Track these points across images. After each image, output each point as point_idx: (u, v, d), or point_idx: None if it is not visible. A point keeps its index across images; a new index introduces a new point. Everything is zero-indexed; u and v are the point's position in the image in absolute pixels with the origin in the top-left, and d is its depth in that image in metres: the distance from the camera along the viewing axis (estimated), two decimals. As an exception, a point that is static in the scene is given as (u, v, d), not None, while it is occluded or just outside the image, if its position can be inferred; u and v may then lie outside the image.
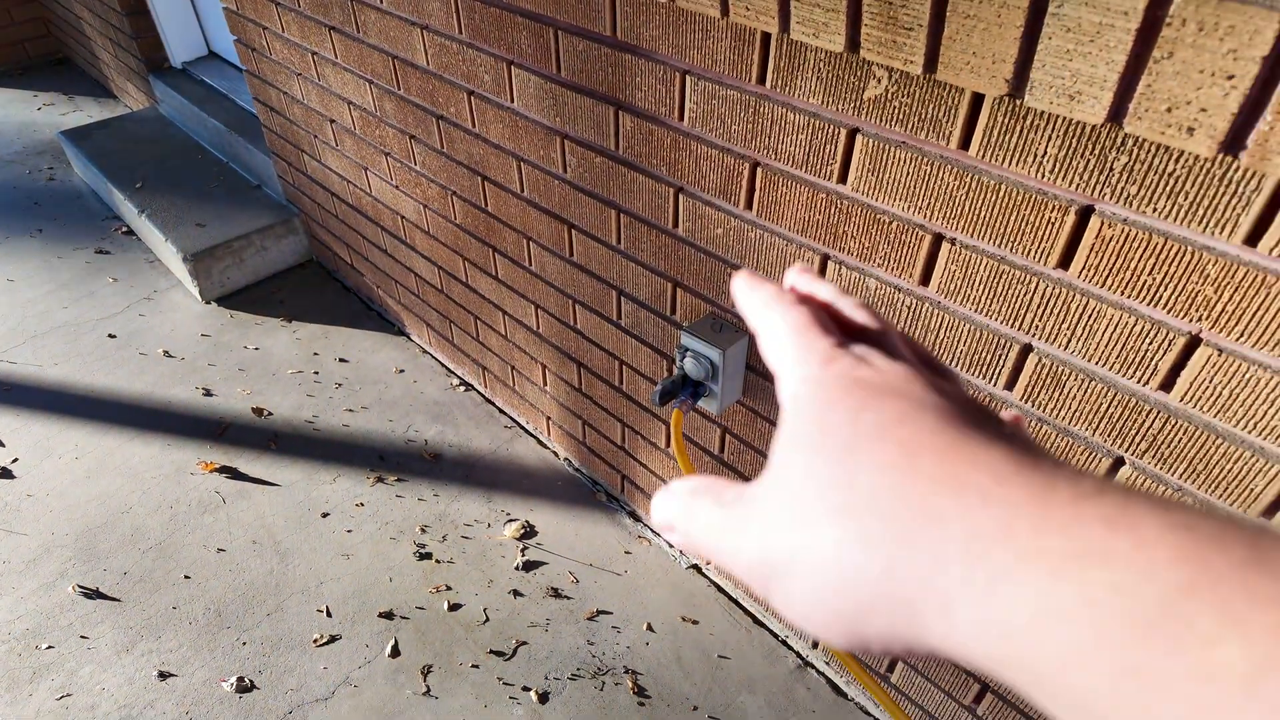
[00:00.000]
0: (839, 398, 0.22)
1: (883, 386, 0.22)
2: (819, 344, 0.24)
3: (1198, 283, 0.73)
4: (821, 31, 0.86)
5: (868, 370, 0.23)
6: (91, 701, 1.46)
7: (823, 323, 0.25)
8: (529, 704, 1.47)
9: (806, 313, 0.26)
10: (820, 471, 0.21)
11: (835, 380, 0.22)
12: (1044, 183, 0.79)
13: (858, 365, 0.23)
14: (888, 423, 0.20)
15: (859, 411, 0.21)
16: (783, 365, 0.25)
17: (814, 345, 0.24)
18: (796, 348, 0.25)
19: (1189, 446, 0.82)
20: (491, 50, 1.36)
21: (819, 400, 0.22)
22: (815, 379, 0.23)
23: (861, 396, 0.22)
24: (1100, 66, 0.67)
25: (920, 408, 0.21)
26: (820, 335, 0.25)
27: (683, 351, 1.26)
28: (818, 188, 1.00)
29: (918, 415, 0.20)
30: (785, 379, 0.24)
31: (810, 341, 0.25)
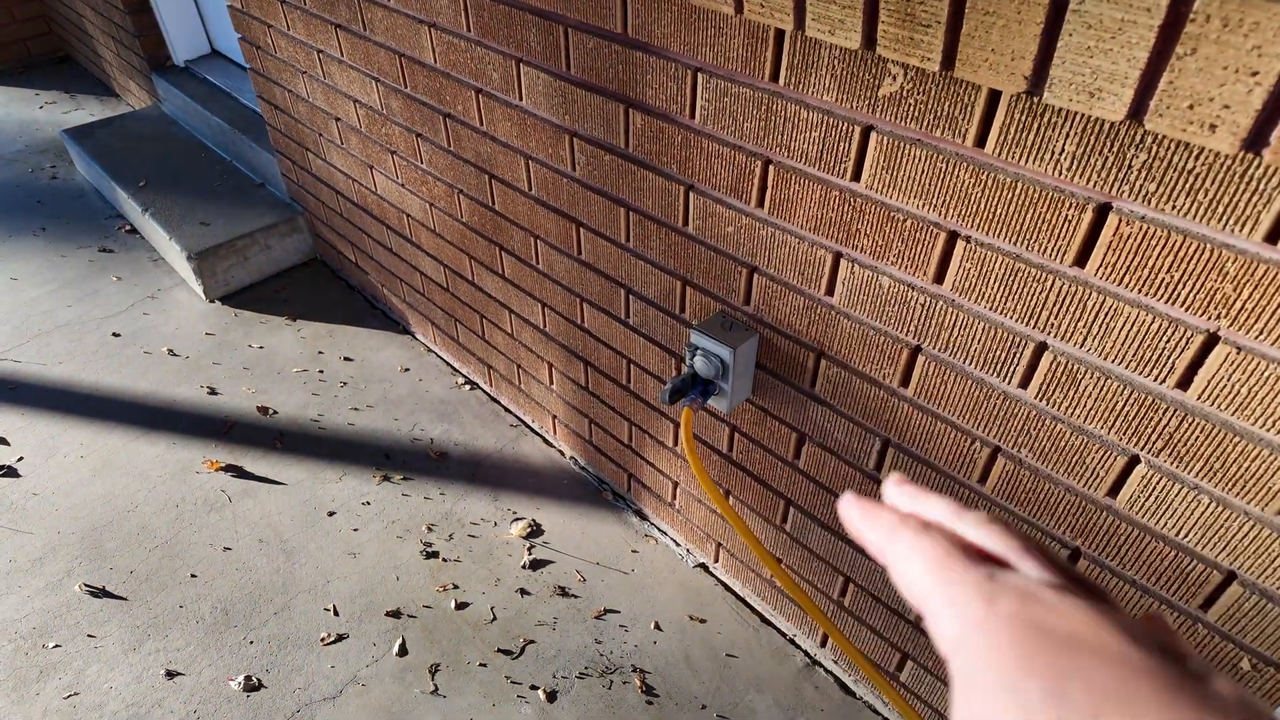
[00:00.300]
0: (1027, 657, 0.19)
1: (1072, 639, 0.20)
2: (970, 577, 0.22)
3: (1216, 280, 0.73)
4: (837, 28, 0.85)
5: (1042, 612, 0.20)
6: (99, 700, 1.46)
7: (964, 550, 0.23)
8: (537, 703, 1.46)
9: (942, 540, 0.24)
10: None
11: (1010, 629, 0.20)
12: (1061, 180, 0.79)
13: (1028, 604, 0.21)
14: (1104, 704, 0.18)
15: (1062, 683, 0.19)
16: (932, 605, 0.23)
17: (965, 580, 0.22)
18: (944, 584, 0.23)
19: (1206, 445, 0.81)
20: (500, 48, 1.35)
21: (1001, 659, 0.20)
22: (982, 625, 0.21)
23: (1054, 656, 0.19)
24: (1121, 63, 0.67)
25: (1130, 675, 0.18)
26: (967, 566, 0.23)
27: (693, 349, 1.26)
28: (831, 185, 0.99)
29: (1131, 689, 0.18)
30: (942, 622, 0.22)
31: (959, 576, 0.22)
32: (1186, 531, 0.88)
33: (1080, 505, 0.96)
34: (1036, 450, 0.97)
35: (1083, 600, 0.21)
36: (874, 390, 1.11)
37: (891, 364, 1.07)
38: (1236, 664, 0.91)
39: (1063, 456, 0.94)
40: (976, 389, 0.99)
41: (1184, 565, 0.90)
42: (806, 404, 1.24)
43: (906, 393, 1.07)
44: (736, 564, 1.64)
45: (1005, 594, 0.21)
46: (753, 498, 1.47)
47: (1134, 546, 0.93)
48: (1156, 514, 0.89)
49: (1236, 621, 0.88)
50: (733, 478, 1.49)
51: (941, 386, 1.02)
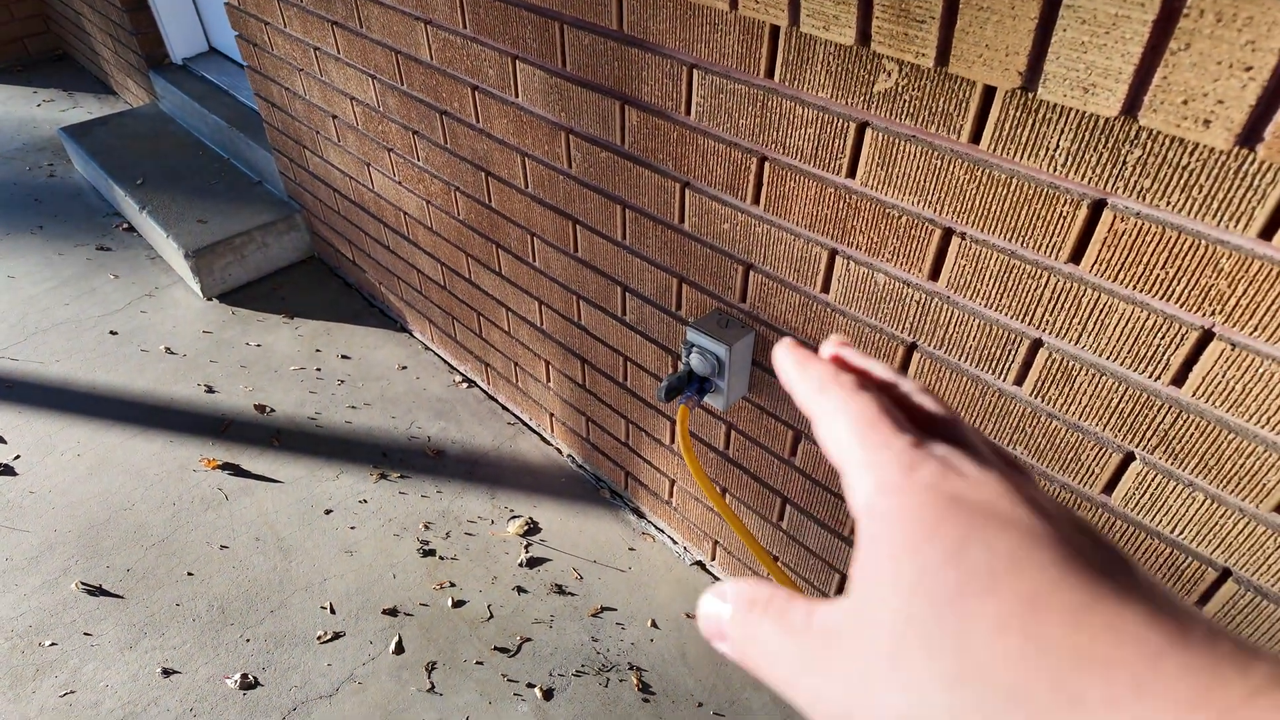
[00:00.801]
0: (934, 522, 0.19)
1: (982, 508, 0.19)
2: (894, 443, 0.21)
3: (1211, 277, 0.73)
4: (832, 24, 0.85)
5: (960, 482, 0.20)
6: (95, 698, 1.46)
7: (893, 415, 0.23)
8: (534, 701, 1.46)
9: (872, 401, 0.23)
10: (923, 620, 0.18)
11: (924, 495, 0.20)
12: (1056, 176, 0.79)
13: (946, 474, 0.20)
14: (1000, 566, 0.18)
15: (963, 545, 0.18)
16: (850, 465, 0.22)
17: (888, 444, 0.21)
18: (866, 445, 0.22)
19: (1200, 441, 0.81)
20: (496, 45, 1.35)
21: (909, 522, 0.19)
22: (897, 489, 0.20)
23: (961, 522, 0.19)
24: (1116, 58, 0.66)
25: (1034, 543, 0.18)
26: (894, 431, 0.22)
27: (689, 347, 1.25)
28: (826, 182, 0.99)
29: (1033, 554, 0.18)
30: (856, 483, 0.21)
31: (883, 438, 0.22)
32: (1181, 528, 0.87)
33: (1075, 502, 0.96)
34: (1032, 447, 0.97)
35: (1004, 476, 0.20)
36: (870, 387, 1.11)
37: (888, 361, 1.07)
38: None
39: (1058, 453, 0.94)
40: (972, 386, 0.98)
41: (1179, 562, 0.90)
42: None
43: (902, 390, 1.07)
44: (733, 561, 1.64)
45: (926, 462, 0.21)
46: (749, 495, 1.47)
47: (1129, 544, 0.93)
48: (1151, 511, 0.89)
49: (1232, 618, 0.88)
50: (729, 475, 1.49)
51: (937, 384, 1.02)
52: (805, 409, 0.25)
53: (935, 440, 0.22)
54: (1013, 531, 0.18)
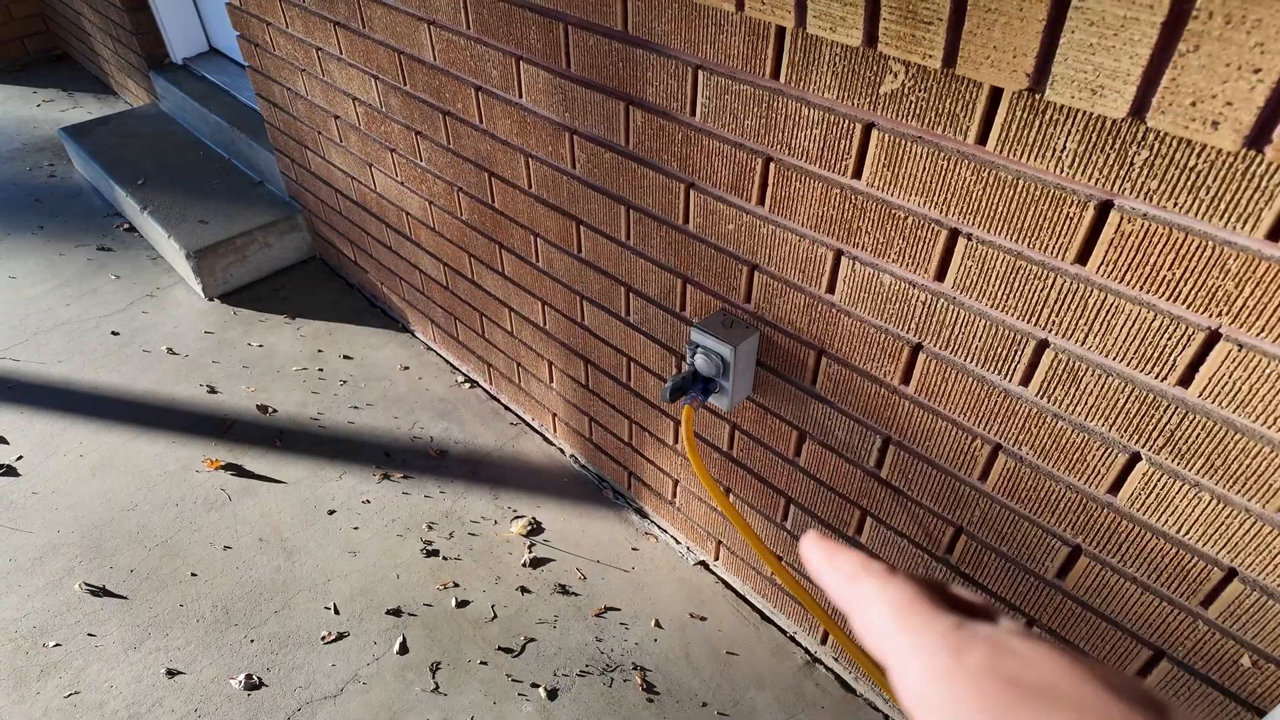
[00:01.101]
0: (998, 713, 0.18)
1: (1044, 690, 0.18)
2: (936, 625, 0.20)
3: (1218, 278, 0.73)
4: (839, 26, 0.85)
5: (1015, 663, 0.19)
6: (99, 699, 1.46)
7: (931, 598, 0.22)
8: (538, 700, 1.46)
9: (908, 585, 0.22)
10: None
11: (979, 682, 0.19)
12: (1063, 178, 0.79)
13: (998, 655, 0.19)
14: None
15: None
16: (894, 653, 0.21)
17: (930, 627, 0.20)
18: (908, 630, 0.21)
19: (1207, 442, 0.81)
20: (500, 46, 1.35)
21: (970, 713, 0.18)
22: (948, 676, 0.19)
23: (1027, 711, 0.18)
24: (1124, 60, 0.67)
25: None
26: (934, 613, 0.21)
27: (693, 347, 1.26)
28: (832, 183, 0.99)
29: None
30: (904, 671, 0.20)
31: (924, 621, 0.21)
32: (1187, 529, 0.88)
33: (1081, 503, 0.96)
34: (1037, 448, 0.97)
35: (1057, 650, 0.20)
36: (875, 388, 1.11)
37: (892, 362, 1.07)
38: (1237, 661, 0.91)
39: (1064, 454, 0.95)
40: (977, 387, 0.99)
41: (1185, 562, 0.90)
42: (807, 402, 1.24)
43: (907, 390, 1.07)
44: (737, 561, 1.64)
45: (974, 644, 0.20)
46: (753, 495, 1.48)
47: (1135, 544, 0.93)
48: (1157, 511, 0.89)
49: (1237, 618, 0.89)
50: (733, 475, 1.49)
51: (942, 384, 1.02)
52: (839, 601, 0.24)
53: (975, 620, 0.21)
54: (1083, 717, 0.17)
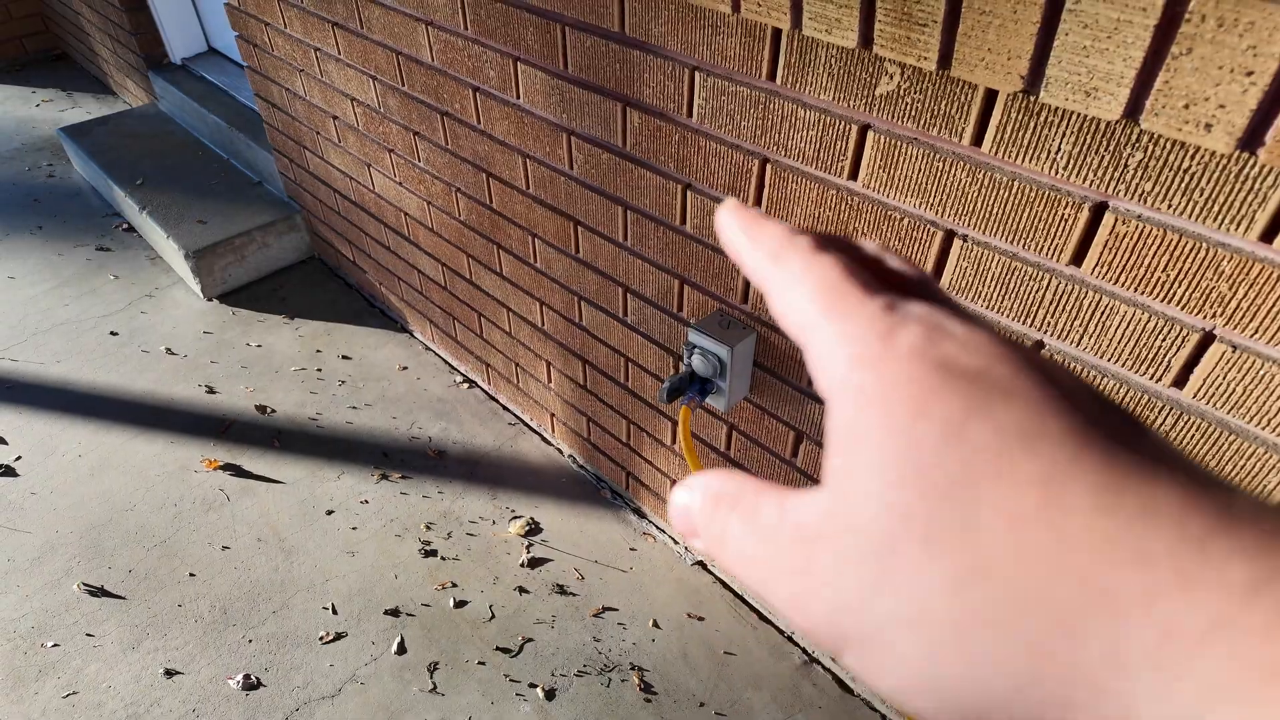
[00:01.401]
0: (925, 395, 0.16)
1: (978, 374, 0.16)
2: (865, 307, 0.18)
3: (1212, 279, 0.73)
4: (834, 28, 0.85)
5: (949, 345, 0.17)
6: (98, 699, 1.46)
7: (861, 277, 0.19)
8: (536, 701, 1.47)
9: (836, 262, 0.19)
10: (920, 514, 0.15)
11: (908, 364, 0.17)
12: (1057, 179, 0.79)
13: (931, 337, 0.17)
14: (1008, 443, 0.15)
15: (962, 421, 0.15)
16: (816, 338, 0.18)
17: (859, 309, 0.18)
18: (833, 314, 0.18)
19: (1201, 443, 0.82)
20: (498, 46, 1.35)
21: (894, 397, 0.16)
22: (875, 359, 0.17)
23: (957, 393, 0.16)
24: (1117, 63, 0.67)
25: (1043, 412, 0.15)
26: (864, 295, 0.18)
27: (690, 348, 1.26)
28: (828, 184, 0.99)
29: (1044, 427, 0.15)
30: (825, 358, 0.18)
31: (852, 304, 0.18)
32: (1182, 529, 0.88)
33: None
34: (1033, 448, 0.97)
35: (995, 335, 0.17)
36: (871, 389, 1.12)
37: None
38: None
39: (1059, 455, 0.95)
40: (973, 387, 0.99)
41: (1180, 563, 0.90)
42: (804, 402, 1.24)
43: (904, 391, 1.07)
44: (734, 562, 1.64)
45: (906, 326, 0.17)
46: (751, 496, 1.48)
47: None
48: (1152, 512, 0.89)
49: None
50: (731, 476, 1.49)
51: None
52: (757, 280, 0.21)
53: (912, 300, 0.18)
54: (1017, 401, 0.15)
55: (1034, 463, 0.15)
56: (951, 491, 0.15)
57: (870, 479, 0.16)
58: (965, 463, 0.15)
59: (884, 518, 0.16)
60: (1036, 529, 0.14)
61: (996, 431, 0.15)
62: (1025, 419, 0.15)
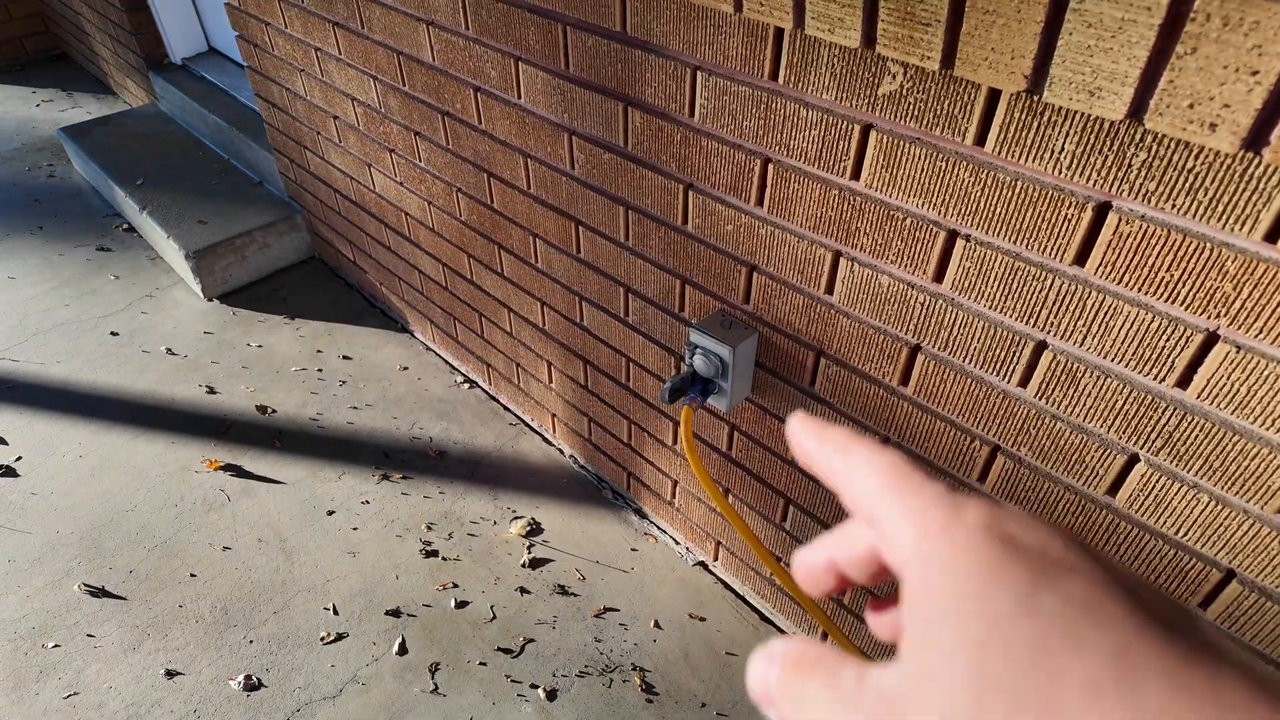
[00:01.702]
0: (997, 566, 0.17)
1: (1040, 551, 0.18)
2: (928, 489, 0.20)
3: (1216, 279, 0.73)
4: (837, 27, 0.85)
5: (1011, 524, 0.18)
6: (99, 700, 1.46)
7: (922, 467, 0.21)
8: (537, 701, 1.46)
9: (899, 455, 0.22)
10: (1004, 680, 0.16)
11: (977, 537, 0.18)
12: (1061, 179, 0.79)
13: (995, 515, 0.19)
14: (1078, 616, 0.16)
15: (1034, 592, 0.17)
16: (886, 517, 0.20)
17: (924, 489, 0.20)
18: (901, 494, 0.20)
19: (1205, 443, 0.81)
20: (499, 46, 1.35)
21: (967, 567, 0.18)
22: (944, 532, 0.19)
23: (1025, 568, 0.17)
24: (1122, 62, 0.66)
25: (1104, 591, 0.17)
26: (926, 478, 0.21)
27: (692, 348, 1.26)
28: (830, 184, 0.99)
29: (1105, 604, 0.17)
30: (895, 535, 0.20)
31: (918, 485, 0.20)
32: (1186, 530, 0.88)
33: (1079, 504, 0.96)
34: (1036, 449, 0.97)
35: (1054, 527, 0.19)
36: (874, 389, 1.11)
37: (891, 363, 1.07)
38: (1235, 662, 0.91)
39: (1062, 455, 0.95)
40: (976, 388, 0.99)
41: (1183, 563, 0.90)
42: (806, 403, 1.24)
43: (906, 391, 1.07)
44: (736, 562, 1.64)
45: (970, 506, 0.19)
46: (752, 496, 1.48)
47: (1133, 545, 0.93)
48: (1156, 512, 0.89)
49: (1235, 620, 0.89)
50: (732, 476, 1.49)
51: (941, 385, 1.02)
52: (828, 475, 0.23)
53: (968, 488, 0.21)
54: (1080, 578, 0.17)
55: (1104, 638, 0.16)
56: (1033, 659, 0.16)
57: (951, 643, 0.17)
58: (1042, 632, 0.16)
59: (969, 681, 0.16)
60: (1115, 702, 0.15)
61: (1066, 603, 0.17)
62: (1089, 595, 0.17)
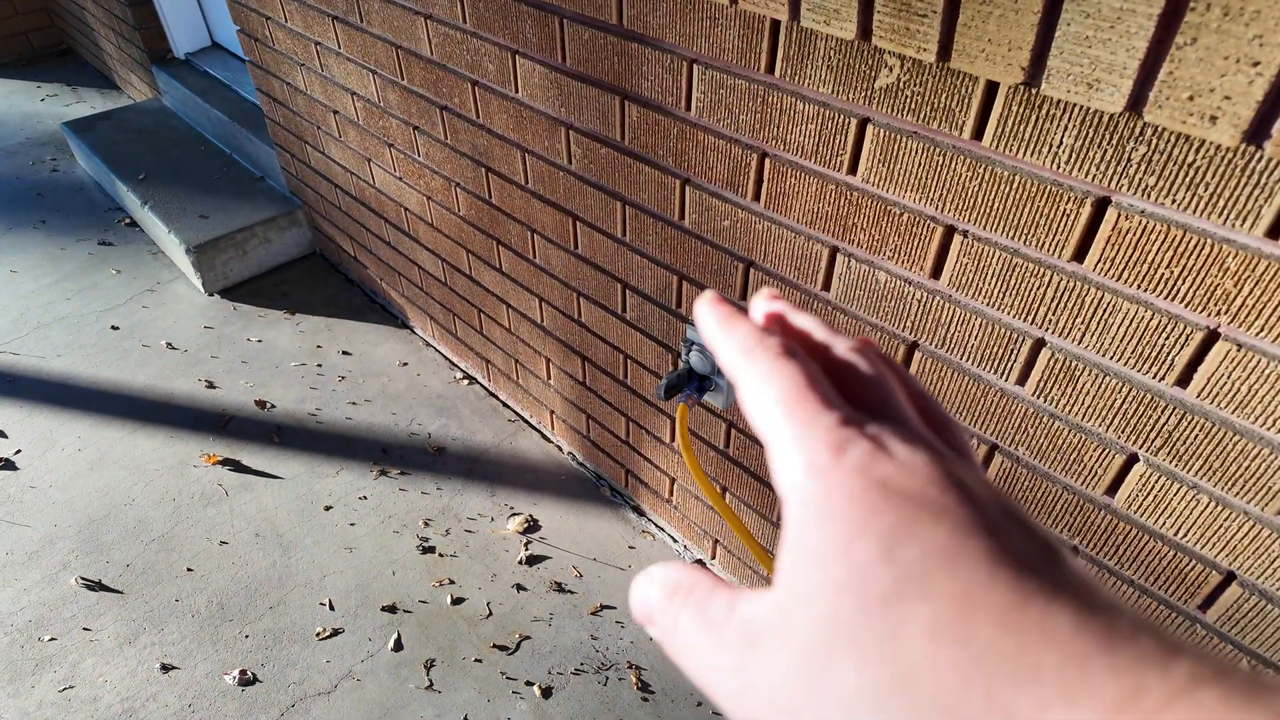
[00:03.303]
0: (865, 513, 0.18)
1: (913, 496, 0.18)
2: (822, 420, 0.20)
3: (1217, 276, 0.72)
4: (832, 19, 0.84)
5: (889, 465, 0.19)
6: (94, 694, 1.46)
7: (822, 386, 0.21)
8: (532, 699, 1.46)
9: (800, 370, 0.22)
10: (854, 624, 0.17)
11: (853, 481, 0.19)
12: (1059, 173, 0.78)
13: (876, 456, 0.19)
14: (933, 563, 0.17)
15: (895, 540, 0.17)
16: (777, 441, 0.21)
17: (816, 419, 0.20)
18: (794, 420, 0.20)
19: (1205, 443, 0.80)
20: (496, 39, 1.34)
21: (838, 512, 0.18)
22: (824, 471, 0.19)
23: (892, 514, 0.18)
24: (1120, 53, 0.65)
25: (965, 535, 0.17)
26: (822, 406, 0.21)
27: (688, 345, 1.24)
28: (827, 179, 0.98)
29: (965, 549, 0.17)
30: (783, 461, 0.20)
31: (811, 414, 0.20)
32: (1185, 531, 0.86)
33: (1078, 504, 0.95)
34: (1034, 448, 0.95)
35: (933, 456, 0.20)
36: (870, 386, 1.10)
37: (888, 360, 1.05)
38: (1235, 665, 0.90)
39: (1060, 454, 0.93)
40: (973, 386, 0.97)
41: (1182, 565, 0.89)
42: (803, 400, 1.22)
43: (903, 389, 1.06)
44: (734, 560, 1.63)
45: (855, 443, 0.19)
46: (750, 494, 1.47)
47: (1132, 546, 0.92)
48: (1155, 513, 0.88)
49: (1235, 622, 0.87)
50: (729, 474, 1.48)
51: (938, 383, 1.01)
52: (729, 374, 0.23)
53: (865, 414, 0.21)
54: (944, 523, 0.18)
55: (953, 583, 0.17)
56: (883, 605, 0.17)
57: (814, 585, 0.18)
58: (896, 579, 0.17)
59: (823, 624, 0.17)
60: (952, 645, 0.16)
61: (923, 551, 0.17)
62: (949, 541, 0.17)
